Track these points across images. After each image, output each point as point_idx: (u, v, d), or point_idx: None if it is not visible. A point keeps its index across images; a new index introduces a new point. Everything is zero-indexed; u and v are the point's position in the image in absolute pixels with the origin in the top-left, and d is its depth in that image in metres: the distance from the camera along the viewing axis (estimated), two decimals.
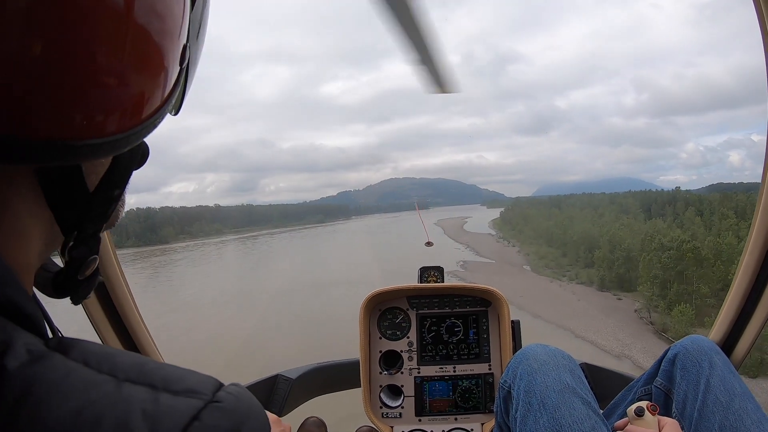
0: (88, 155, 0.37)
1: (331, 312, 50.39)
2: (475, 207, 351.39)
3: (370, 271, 79.03)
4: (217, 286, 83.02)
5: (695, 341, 1.27)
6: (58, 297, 0.47)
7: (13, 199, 0.37)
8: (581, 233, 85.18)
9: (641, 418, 1.11)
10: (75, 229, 0.43)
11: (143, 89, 0.38)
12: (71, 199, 0.41)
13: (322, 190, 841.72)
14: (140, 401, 0.32)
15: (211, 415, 0.34)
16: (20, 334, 0.33)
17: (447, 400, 1.74)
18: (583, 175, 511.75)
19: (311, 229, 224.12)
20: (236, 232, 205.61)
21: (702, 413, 1.12)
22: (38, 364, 0.32)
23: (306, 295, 66.72)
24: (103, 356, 0.35)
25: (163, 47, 0.39)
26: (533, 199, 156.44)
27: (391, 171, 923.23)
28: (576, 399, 1.09)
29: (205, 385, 0.36)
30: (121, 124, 0.37)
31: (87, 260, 0.46)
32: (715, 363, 1.18)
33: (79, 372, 0.33)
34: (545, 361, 1.19)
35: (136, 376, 0.34)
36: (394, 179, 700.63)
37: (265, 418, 0.39)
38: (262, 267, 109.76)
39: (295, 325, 53.01)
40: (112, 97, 0.36)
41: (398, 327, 1.81)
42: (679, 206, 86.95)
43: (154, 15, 0.37)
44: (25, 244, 0.40)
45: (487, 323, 1.79)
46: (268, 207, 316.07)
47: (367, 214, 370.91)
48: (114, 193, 0.44)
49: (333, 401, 1.92)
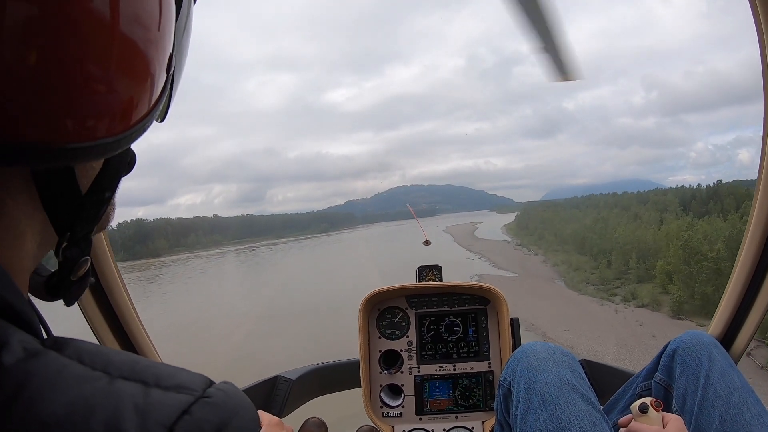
0: (80, 158, 0.38)
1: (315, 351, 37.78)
2: (485, 213, 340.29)
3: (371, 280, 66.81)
4: (179, 309, 70.04)
5: (694, 336, 1.27)
6: (51, 299, 0.49)
7: (8, 202, 0.39)
8: (626, 238, 69.22)
9: (645, 415, 1.10)
10: (68, 230, 0.44)
11: (131, 95, 0.40)
12: (65, 201, 0.42)
13: (330, 199, 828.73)
14: (132, 396, 0.33)
15: (200, 409, 0.35)
16: (16, 332, 0.35)
17: (447, 399, 1.75)
18: (592, 178, 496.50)
19: (315, 239, 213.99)
20: (236, 243, 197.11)
21: (702, 407, 1.13)
22: (33, 361, 0.33)
23: (288, 323, 54.11)
24: (96, 354, 0.36)
25: (149, 55, 0.41)
26: (547, 201, 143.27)
27: (399, 179, 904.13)
28: (576, 395, 1.10)
29: (195, 381, 0.38)
30: (110, 128, 0.39)
31: (79, 261, 0.47)
32: (714, 357, 1.19)
33: (73, 368, 0.34)
34: (545, 358, 1.20)
35: (129, 373, 0.35)
36: (402, 187, 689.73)
37: (254, 414, 0.40)
38: (247, 282, 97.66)
39: (268, 368, 41.01)
40: (102, 103, 0.38)
41: (397, 326, 1.81)
42: (729, 201, 72.23)
43: (140, 25, 0.39)
44: (19, 245, 0.41)
45: (486, 321, 1.80)
46: (270, 217, 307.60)
47: (375, 222, 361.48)
48: (105, 196, 0.46)
49: (333, 401, 1.92)
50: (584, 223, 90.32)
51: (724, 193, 76.93)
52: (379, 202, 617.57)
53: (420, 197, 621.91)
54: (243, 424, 0.37)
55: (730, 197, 73.83)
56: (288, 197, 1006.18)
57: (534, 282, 64.62)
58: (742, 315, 1.34)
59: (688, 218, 68.78)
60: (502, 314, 1.73)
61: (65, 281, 0.48)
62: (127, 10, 0.37)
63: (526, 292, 56.31)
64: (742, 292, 1.32)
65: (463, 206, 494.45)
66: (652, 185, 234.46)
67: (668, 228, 63.07)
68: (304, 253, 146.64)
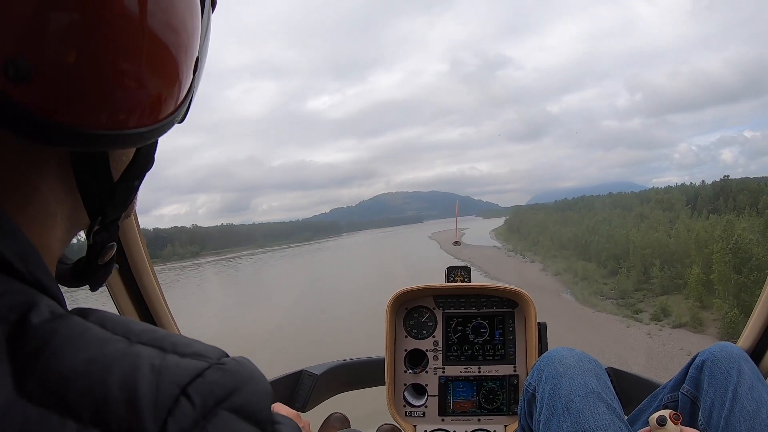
0: (115, 144, 0.42)
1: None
2: (471, 218, 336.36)
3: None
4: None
5: (724, 348, 1.25)
6: (77, 285, 0.52)
7: (41, 185, 0.42)
8: (642, 240, 59.52)
9: (663, 428, 1.08)
10: (99, 214, 0.47)
11: (160, 92, 0.43)
12: (98, 186, 0.46)
13: (316, 207, 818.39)
14: (149, 357, 0.35)
15: (214, 373, 0.36)
16: (44, 298, 0.37)
17: (471, 401, 1.74)
18: (579, 181, 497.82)
19: (297, 248, 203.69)
20: (215, 254, 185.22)
21: (729, 422, 1.11)
22: (59, 321, 0.35)
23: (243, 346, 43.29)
24: (118, 322, 0.38)
25: (177, 57, 0.44)
26: (537, 205, 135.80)
27: (384, 186, 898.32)
28: (601, 404, 1.09)
29: (211, 351, 0.39)
30: (140, 121, 0.42)
31: (107, 246, 0.50)
32: (743, 371, 1.16)
33: (95, 331, 0.36)
34: (571, 364, 1.19)
35: (147, 340, 0.37)
36: (387, 194, 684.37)
37: (267, 386, 0.41)
38: (221, 298, 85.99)
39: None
40: (133, 97, 0.41)
41: (424, 326, 1.81)
42: (742, 198, 64.58)
43: (169, 28, 0.43)
44: (50, 227, 0.44)
45: (514, 324, 1.78)
46: (252, 226, 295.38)
47: (360, 230, 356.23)
48: (134, 184, 0.50)
49: (356, 398, 1.92)
50: (584, 225, 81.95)
51: (734, 190, 69.93)
52: (364, 210, 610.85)
53: (405, 204, 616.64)
54: (254, 391, 0.39)
55: (743, 193, 66.54)
56: (273, 206, 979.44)
57: (537, 295, 54.07)
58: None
59: (714, 217, 60.15)
60: (530, 318, 1.71)
61: (92, 265, 0.51)
62: (158, 15, 0.41)
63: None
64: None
65: (449, 212, 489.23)
66: (637, 187, 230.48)
67: (696, 227, 53.99)
68: (284, 264, 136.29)
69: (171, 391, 0.33)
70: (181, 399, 0.34)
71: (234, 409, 0.36)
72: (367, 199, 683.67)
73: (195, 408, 0.34)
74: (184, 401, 0.34)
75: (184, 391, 0.34)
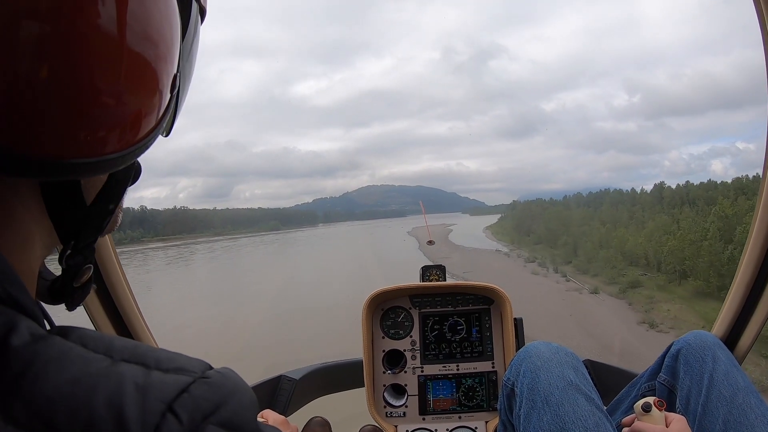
0: (86, 172, 0.40)
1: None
2: (457, 215, 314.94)
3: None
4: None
5: (698, 336, 1.27)
6: (54, 303, 0.50)
7: (18, 208, 0.41)
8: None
9: (648, 414, 1.10)
10: (72, 238, 0.46)
11: (139, 110, 0.41)
12: (70, 211, 0.44)
13: (299, 197, 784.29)
14: (133, 376, 0.35)
15: (199, 388, 0.36)
16: (24, 319, 0.36)
17: (450, 399, 1.76)
18: (565, 184, 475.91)
19: (256, 237, 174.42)
20: (161, 240, 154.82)
21: (706, 408, 1.13)
22: (40, 343, 0.35)
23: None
24: (99, 339, 0.38)
25: (156, 72, 0.42)
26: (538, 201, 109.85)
27: (369, 178, 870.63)
28: (579, 396, 1.10)
29: (194, 365, 0.39)
30: (117, 144, 0.40)
31: (82, 269, 0.49)
32: (718, 358, 1.19)
33: (77, 350, 0.36)
34: (548, 358, 1.20)
35: (130, 357, 0.37)
36: (372, 186, 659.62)
37: (252, 397, 0.41)
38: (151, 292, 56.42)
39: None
40: (110, 119, 0.39)
41: (401, 326, 1.83)
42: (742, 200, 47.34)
43: (147, 42, 0.40)
44: (28, 249, 0.43)
45: (490, 321, 1.81)
46: (211, 211, 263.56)
47: (338, 221, 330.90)
48: (109, 207, 0.48)
49: (337, 401, 1.93)
50: (621, 221, 55.45)
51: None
52: (349, 202, 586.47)
53: (390, 198, 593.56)
54: (241, 403, 0.38)
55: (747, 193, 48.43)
56: (256, 194, 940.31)
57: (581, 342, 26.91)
58: (746, 315, 1.33)
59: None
60: (506, 314, 1.74)
61: (68, 287, 0.49)
62: (135, 27, 0.38)
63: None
64: (746, 291, 1.31)
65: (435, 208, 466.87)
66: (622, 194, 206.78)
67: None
68: (232, 254, 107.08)
69: (157, 408, 0.33)
70: (168, 416, 0.33)
71: (221, 423, 0.36)
72: (351, 190, 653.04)
73: (182, 424, 0.34)
74: (170, 418, 0.34)
75: (171, 407, 0.34)
